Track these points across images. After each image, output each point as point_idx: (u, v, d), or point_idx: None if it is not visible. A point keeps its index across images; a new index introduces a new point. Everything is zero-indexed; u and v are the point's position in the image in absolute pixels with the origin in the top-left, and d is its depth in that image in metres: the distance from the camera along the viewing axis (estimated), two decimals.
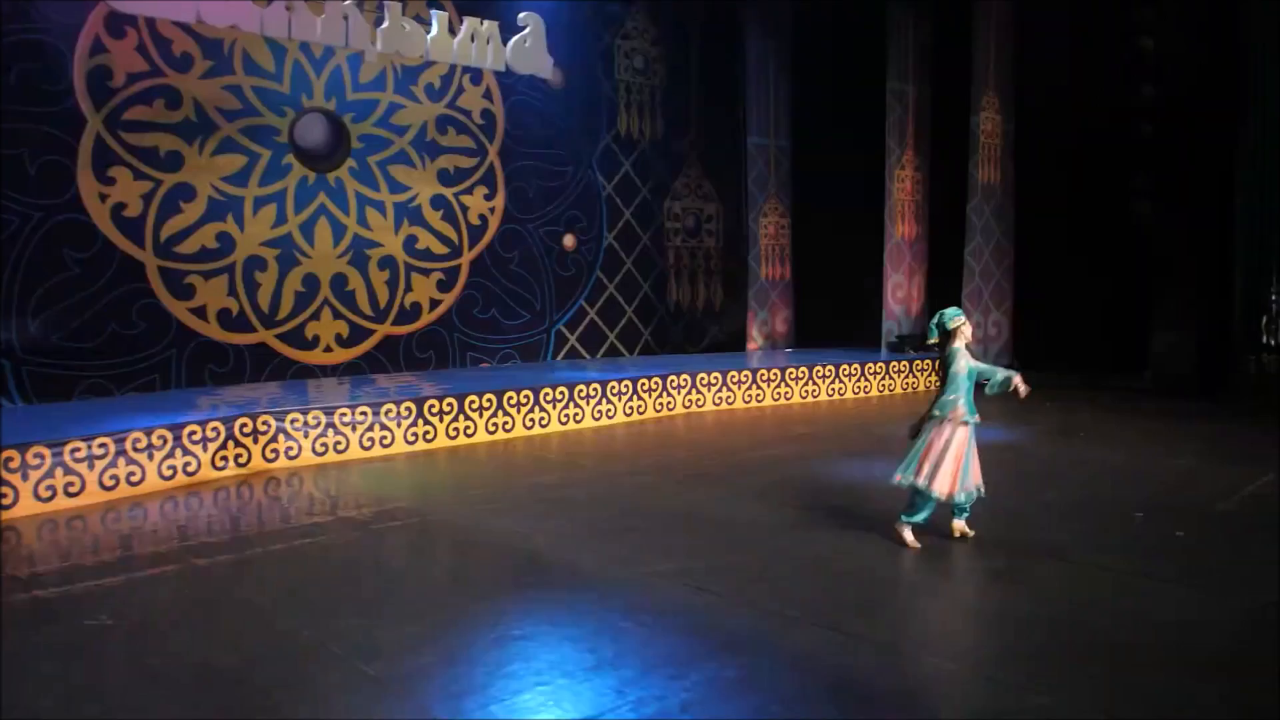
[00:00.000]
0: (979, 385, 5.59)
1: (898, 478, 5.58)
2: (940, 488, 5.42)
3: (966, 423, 5.45)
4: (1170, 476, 7.33)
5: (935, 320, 5.66)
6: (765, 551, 5.58)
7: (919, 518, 5.55)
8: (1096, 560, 5.31)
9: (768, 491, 7.02)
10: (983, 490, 5.60)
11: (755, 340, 14.43)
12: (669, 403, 11.00)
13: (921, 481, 5.45)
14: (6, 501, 6.40)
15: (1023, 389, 5.55)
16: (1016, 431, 9.33)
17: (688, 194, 14.80)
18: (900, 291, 13.40)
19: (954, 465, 5.43)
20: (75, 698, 3.69)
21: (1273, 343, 11.13)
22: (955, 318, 5.59)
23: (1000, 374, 5.59)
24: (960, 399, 5.44)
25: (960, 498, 5.49)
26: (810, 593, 4.82)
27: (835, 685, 3.72)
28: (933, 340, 5.69)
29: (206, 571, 5.36)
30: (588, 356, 13.42)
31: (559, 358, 13.18)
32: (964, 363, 5.48)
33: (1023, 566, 5.25)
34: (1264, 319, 11.16)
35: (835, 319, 14.32)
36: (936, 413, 5.46)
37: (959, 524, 5.67)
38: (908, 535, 5.54)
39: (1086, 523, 6.05)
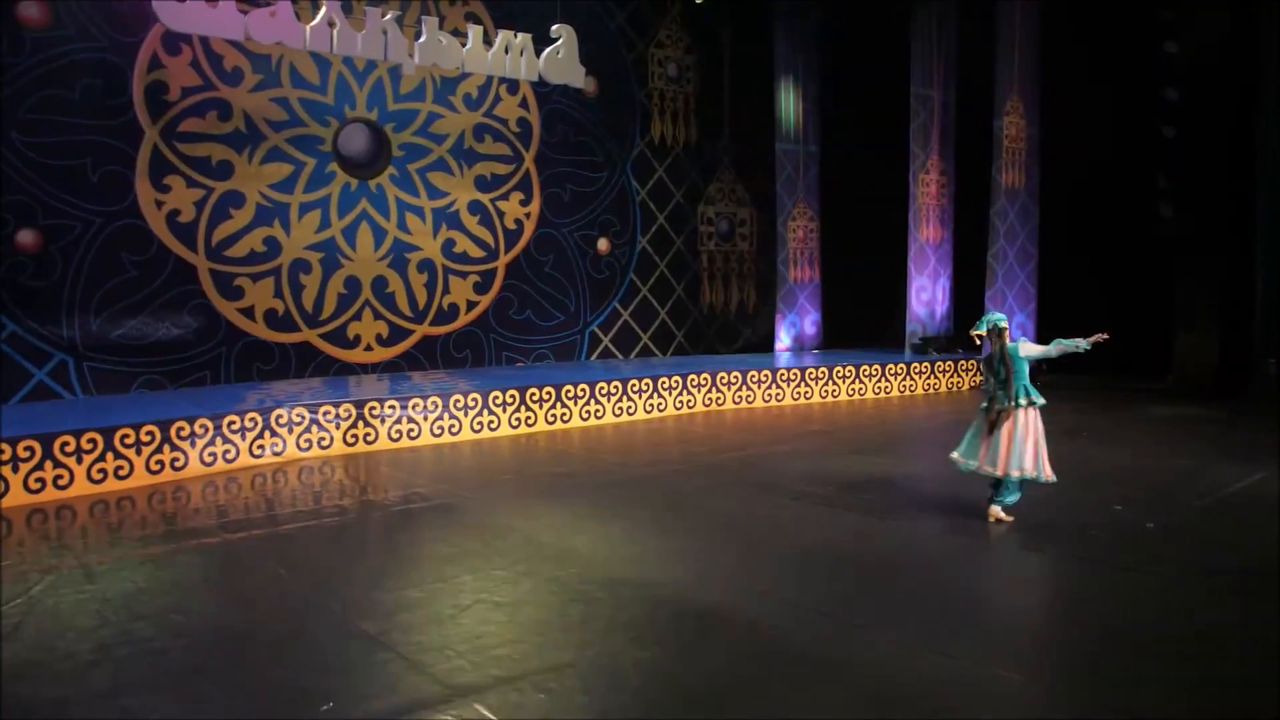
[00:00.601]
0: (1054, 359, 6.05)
1: (1000, 471, 5.97)
2: (1033, 467, 5.91)
3: (1035, 404, 5.92)
4: (1166, 474, 7.46)
5: (988, 321, 6.07)
6: (741, 534, 5.91)
7: (1010, 499, 6.05)
8: (1062, 548, 5.54)
9: (759, 482, 7.37)
10: (1052, 476, 6.04)
11: (783, 342, 14.68)
12: (689, 400, 11.36)
13: (1015, 473, 5.90)
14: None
15: (1095, 339, 5.93)
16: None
17: (721, 198, 15.11)
18: (925, 294, 13.56)
19: (1034, 444, 5.90)
20: (108, 644, 4.16)
21: None
22: (1004, 320, 6.08)
23: (1079, 342, 5.95)
24: (1026, 385, 5.90)
25: (1050, 480, 5.98)
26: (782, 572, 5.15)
27: (775, 640, 4.04)
28: (977, 333, 6.13)
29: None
30: (620, 357, 13.80)
31: (593, 358, 13.58)
32: (1030, 350, 5.96)
33: (991, 552, 5.49)
34: None
35: (863, 321, 14.52)
36: (1024, 400, 5.88)
37: (996, 510, 6.09)
38: (1000, 514, 6.05)
39: (1066, 515, 6.26)
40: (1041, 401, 5.95)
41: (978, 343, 6.21)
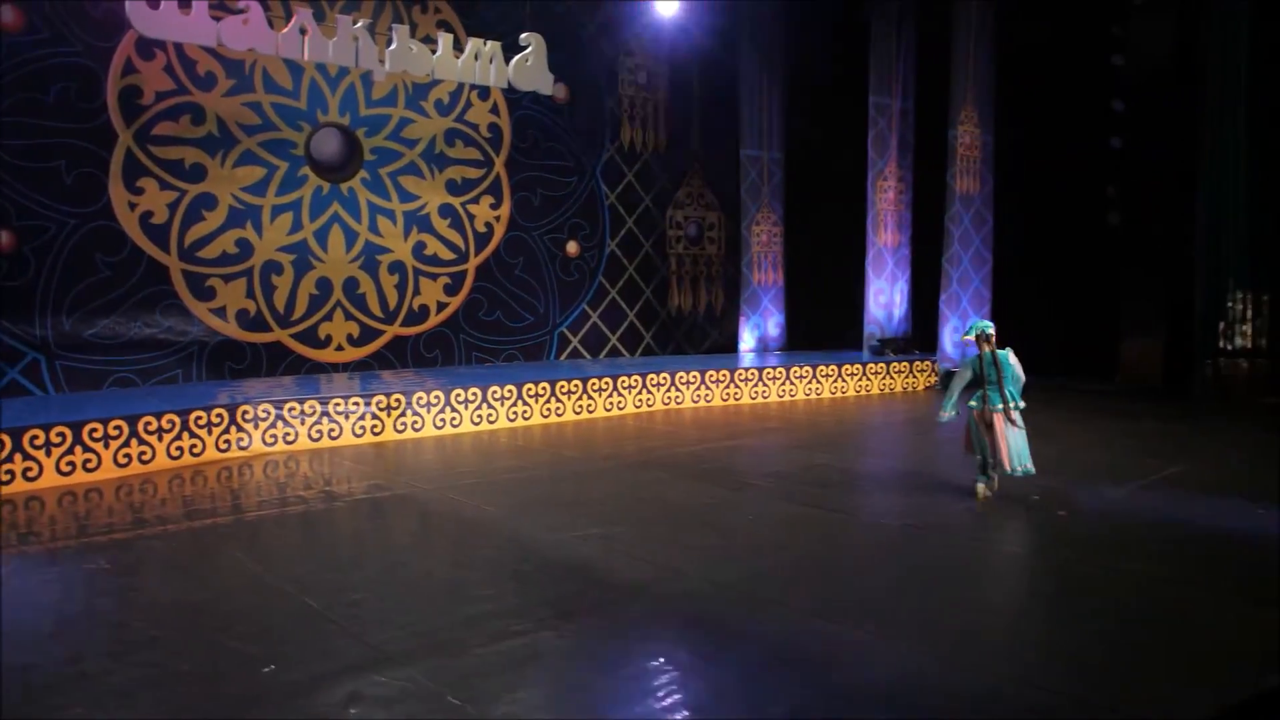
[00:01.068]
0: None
1: (1020, 469, 6.54)
2: (1017, 460, 6.53)
3: (1018, 407, 6.52)
4: (1088, 467, 7.81)
5: (976, 328, 6.61)
6: (679, 520, 6.26)
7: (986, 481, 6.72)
8: (965, 535, 5.93)
9: (705, 474, 7.72)
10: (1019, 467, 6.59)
11: (747, 343, 15.01)
12: (649, 399, 11.69)
13: (1019, 466, 6.51)
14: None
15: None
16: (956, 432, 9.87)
17: (690, 203, 15.44)
18: (882, 297, 13.93)
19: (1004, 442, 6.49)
20: (70, 618, 4.42)
21: (1229, 347, 11.55)
22: (991, 327, 6.58)
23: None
24: (1012, 390, 6.49)
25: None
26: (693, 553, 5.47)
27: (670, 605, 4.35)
28: (966, 337, 6.71)
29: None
30: (589, 358, 14.09)
31: (562, 358, 13.87)
32: (1014, 361, 6.54)
33: (905, 534, 5.82)
34: (1221, 325, 11.58)
35: (825, 323, 14.89)
36: (1013, 404, 6.44)
37: (982, 486, 6.73)
38: (985, 490, 6.70)
39: (986, 505, 6.63)
40: (1023, 405, 6.51)
41: (965, 346, 6.61)
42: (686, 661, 4.00)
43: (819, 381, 12.79)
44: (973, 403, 6.59)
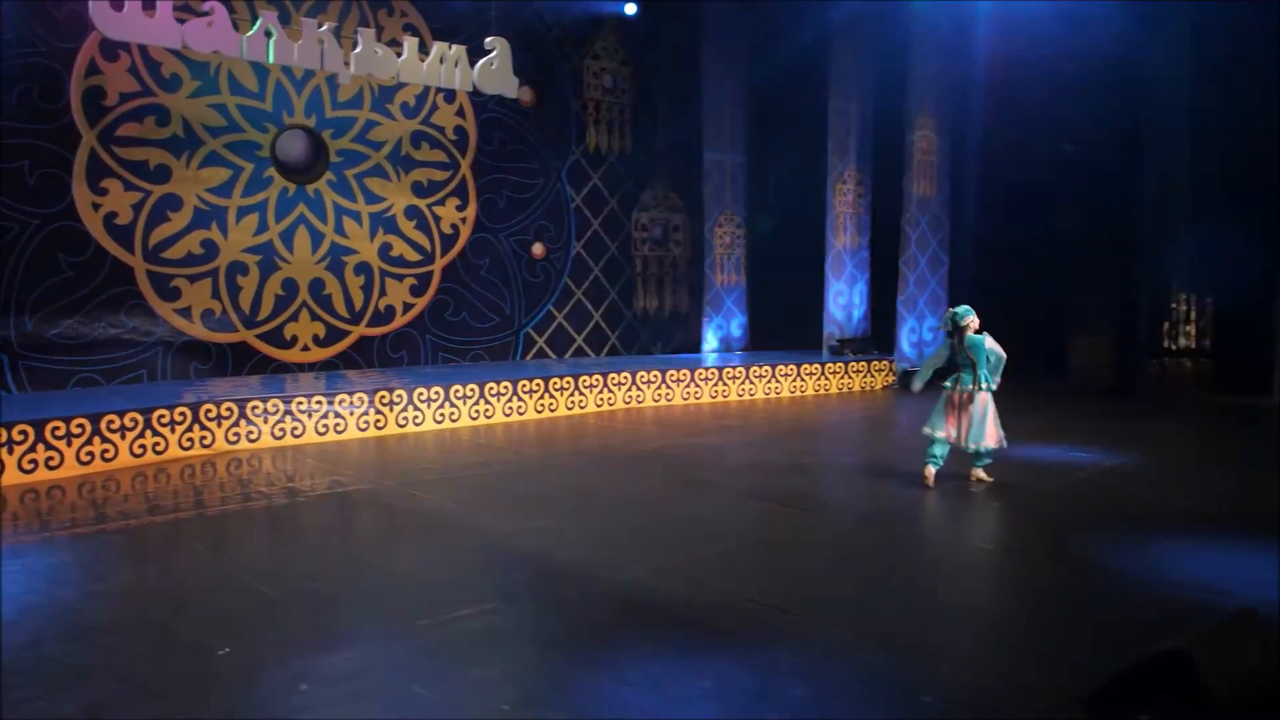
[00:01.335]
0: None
1: (961, 443, 6.97)
2: (990, 439, 6.90)
3: (991, 389, 6.93)
4: (1029, 461, 8.09)
5: (950, 316, 7.01)
6: (632, 513, 6.47)
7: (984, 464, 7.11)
8: (899, 522, 6.18)
9: (660, 470, 7.97)
10: (1004, 443, 7.04)
11: (710, 343, 15.24)
12: (610, 398, 11.89)
13: (981, 442, 6.89)
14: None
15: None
16: (913, 429, 10.17)
17: (655, 205, 15.64)
18: (842, 298, 14.20)
19: (991, 421, 6.88)
20: (31, 606, 4.54)
21: (1173, 347, 11.93)
22: (968, 315, 6.92)
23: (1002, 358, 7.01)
24: (985, 374, 6.87)
25: (1002, 446, 7.00)
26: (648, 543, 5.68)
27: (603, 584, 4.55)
28: (945, 328, 7.10)
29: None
30: (554, 358, 14.26)
31: (527, 358, 14.02)
32: (992, 346, 6.86)
33: (844, 522, 6.06)
34: (1165, 325, 11.96)
35: (787, 323, 15.15)
36: (984, 386, 6.85)
37: (978, 472, 7.12)
38: (981, 475, 7.12)
39: (918, 492, 6.93)
40: (994, 388, 6.92)
41: (947, 329, 7.05)
42: (622, 638, 4.19)
43: (778, 381, 13.03)
44: (946, 384, 7.05)
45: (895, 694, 3.61)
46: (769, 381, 12.99)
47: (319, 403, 9.39)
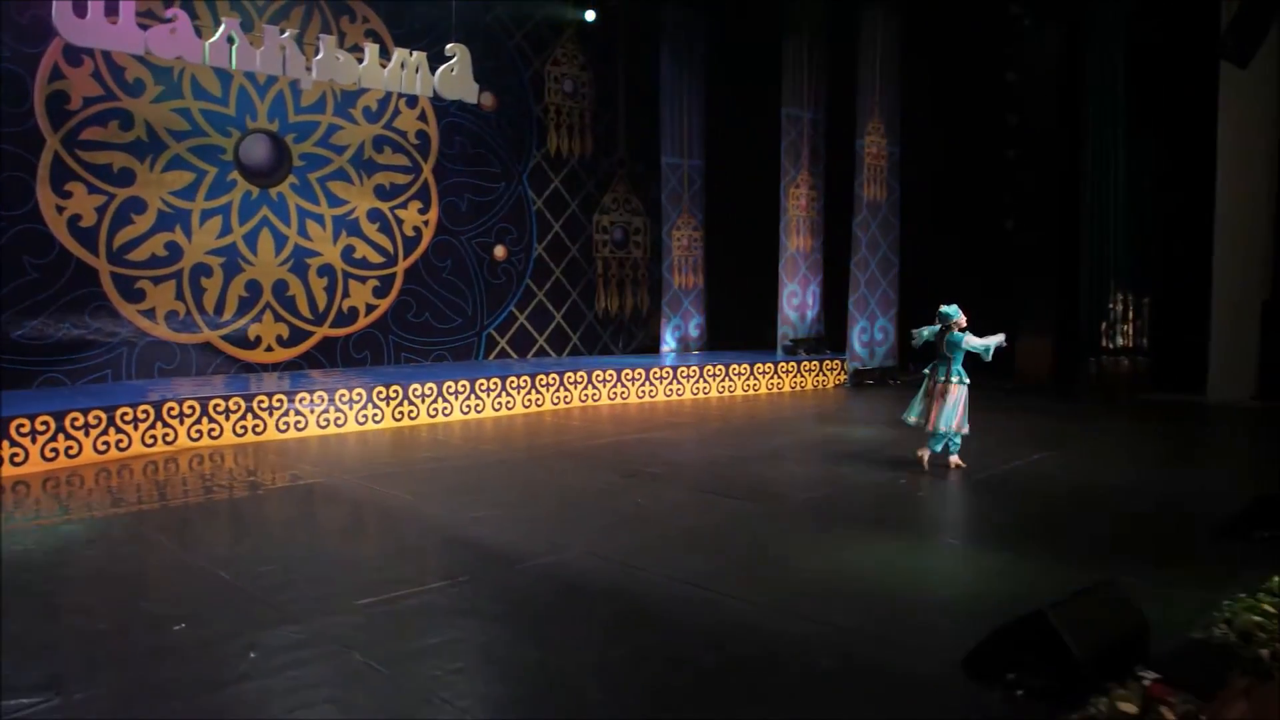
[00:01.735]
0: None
1: (929, 427, 7.70)
2: (957, 425, 7.62)
3: (965, 383, 7.64)
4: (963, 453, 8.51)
5: (942, 313, 7.81)
6: (570, 503, 6.84)
7: (937, 448, 7.81)
8: (833, 508, 6.55)
9: (605, 464, 8.34)
10: (966, 430, 7.70)
11: (669, 344, 15.60)
12: (566, 396, 12.24)
13: (950, 426, 7.59)
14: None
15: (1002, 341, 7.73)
16: (859, 424, 10.67)
17: (616, 208, 15.97)
18: (795, 299, 14.61)
19: (961, 410, 7.61)
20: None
21: (1111, 346, 12.42)
22: (956, 315, 7.75)
23: (989, 343, 7.65)
24: (959, 369, 7.66)
25: (962, 433, 7.70)
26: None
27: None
28: (936, 327, 7.87)
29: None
30: (516, 358, 14.54)
31: (490, 359, 14.30)
32: (971, 342, 7.59)
33: (774, 511, 6.42)
34: (1103, 325, 12.45)
35: (744, 323, 15.55)
36: (956, 379, 7.62)
37: (954, 459, 7.78)
38: (956, 461, 7.79)
39: (856, 482, 7.34)
40: (968, 381, 7.67)
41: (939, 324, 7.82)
42: (553, 613, 4.53)
43: (731, 380, 13.41)
44: (926, 369, 7.88)
45: (798, 662, 3.95)
46: (723, 380, 13.36)
47: (280, 401, 9.63)
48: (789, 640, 4.18)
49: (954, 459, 7.79)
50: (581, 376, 12.31)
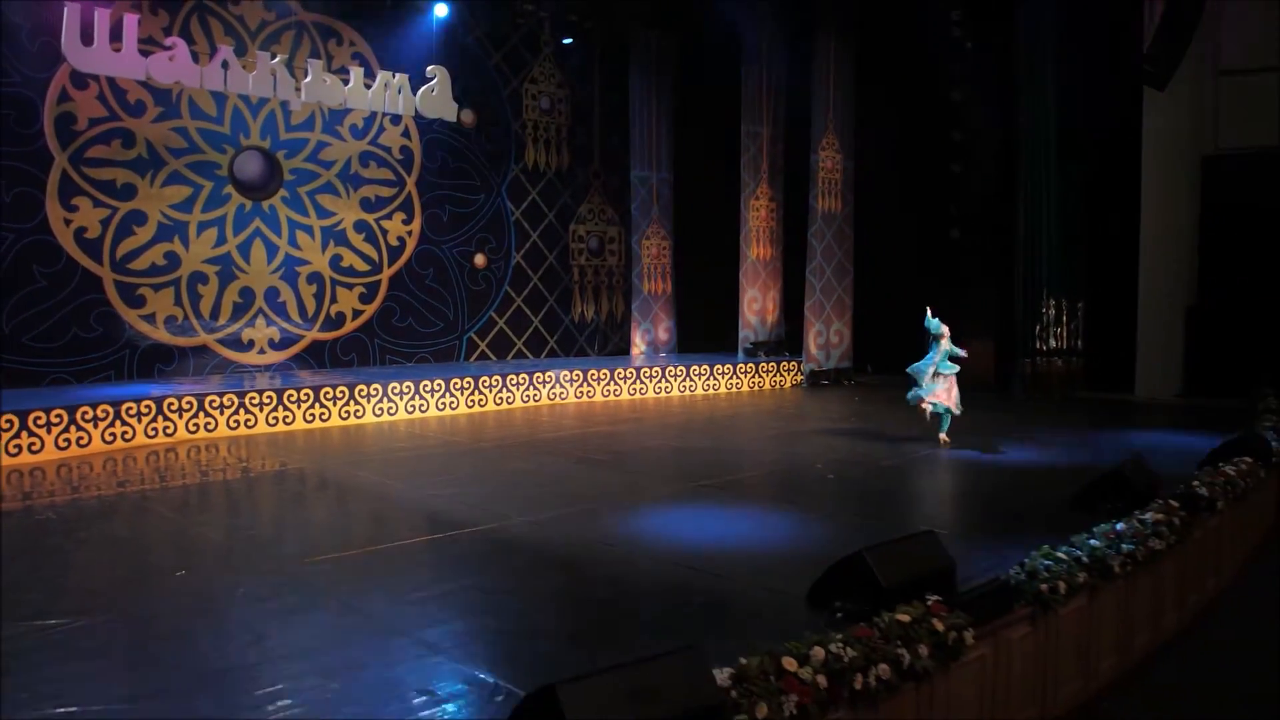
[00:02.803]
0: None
1: (927, 406, 9.25)
2: (948, 403, 9.20)
3: (949, 374, 9.21)
4: (883, 445, 9.46)
5: (934, 325, 9.29)
6: (522, 482, 7.76)
7: (946, 426, 9.34)
8: (750, 490, 7.43)
9: (562, 451, 9.30)
10: (958, 410, 9.23)
11: (639, 346, 16.52)
12: (535, 395, 13.16)
13: (942, 405, 9.21)
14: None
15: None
16: (803, 420, 11.70)
17: (591, 218, 16.88)
18: (756, 305, 15.53)
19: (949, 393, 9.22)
20: (25, 550, 5.69)
21: (1044, 348, 13.36)
22: (942, 326, 9.23)
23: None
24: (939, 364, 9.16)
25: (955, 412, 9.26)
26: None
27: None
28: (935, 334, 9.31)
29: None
30: (495, 360, 15.44)
31: (470, 361, 15.19)
32: (946, 346, 9.17)
33: (698, 492, 7.36)
34: (1037, 328, 13.39)
35: (710, 327, 16.48)
36: (944, 372, 9.21)
37: (943, 436, 9.25)
38: (945, 439, 9.26)
39: (782, 468, 8.26)
40: (946, 371, 9.19)
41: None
42: (483, 565, 5.47)
43: (693, 380, 14.34)
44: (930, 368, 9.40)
45: (679, 595, 4.87)
46: (684, 380, 14.29)
47: (270, 397, 10.53)
48: (676, 581, 5.11)
49: (942, 436, 9.30)
50: (550, 376, 13.23)
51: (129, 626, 4.42)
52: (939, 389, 9.18)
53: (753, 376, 14.84)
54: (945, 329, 9.24)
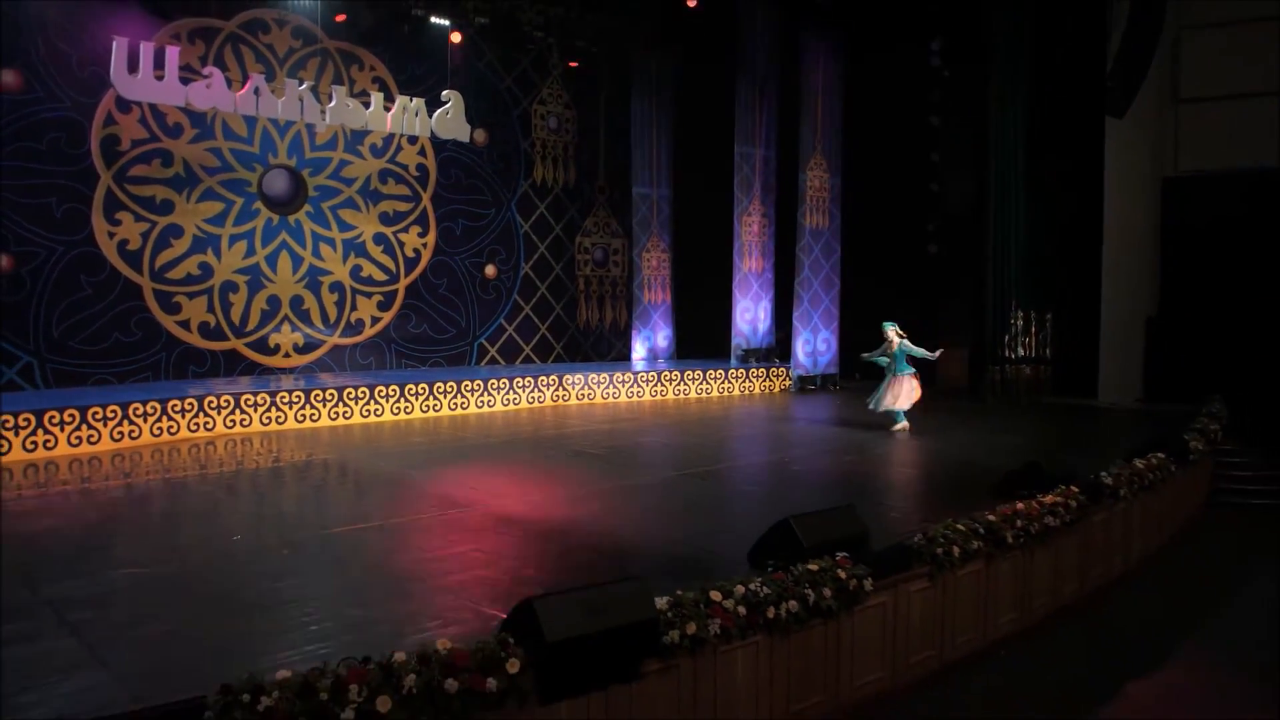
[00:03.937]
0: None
1: (882, 409, 10.95)
2: (899, 404, 10.76)
3: (904, 374, 10.79)
4: (845, 441, 10.41)
5: (889, 326, 11.00)
6: (508, 469, 8.76)
7: (902, 421, 10.88)
8: (722, 481, 8.42)
9: (562, 447, 10.28)
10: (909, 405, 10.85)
11: (639, 353, 17.51)
12: (540, 396, 14.16)
13: (891, 405, 10.83)
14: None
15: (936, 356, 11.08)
16: (787, 421, 12.68)
17: (597, 231, 17.88)
18: (748, 314, 16.51)
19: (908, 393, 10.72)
20: (95, 522, 6.71)
21: (1013, 355, 14.29)
22: (892, 327, 10.92)
23: (928, 354, 10.93)
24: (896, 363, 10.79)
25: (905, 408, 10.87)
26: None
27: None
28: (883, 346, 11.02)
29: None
30: (504, 364, 16.44)
31: (481, 365, 16.20)
32: (899, 345, 10.74)
33: (672, 482, 8.37)
34: (1007, 337, 14.33)
35: (707, 335, 17.46)
36: (906, 373, 10.88)
37: (902, 424, 10.84)
38: (901, 426, 10.89)
39: (744, 461, 9.24)
40: (911, 370, 10.80)
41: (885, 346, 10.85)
42: (492, 535, 6.47)
43: (687, 384, 15.33)
44: (883, 364, 11.11)
45: (643, 555, 5.88)
46: (679, 385, 15.28)
47: (298, 396, 11.57)
48: (647, 546, 6.14)
49: (900, 424, 10.84)
50: (554, 379, 14.25)
51: (199, 573, 5.46)
52: (887, 394, 10.59)
53: (744, 382, 15.82)
54: (893, 333, 10.68)
